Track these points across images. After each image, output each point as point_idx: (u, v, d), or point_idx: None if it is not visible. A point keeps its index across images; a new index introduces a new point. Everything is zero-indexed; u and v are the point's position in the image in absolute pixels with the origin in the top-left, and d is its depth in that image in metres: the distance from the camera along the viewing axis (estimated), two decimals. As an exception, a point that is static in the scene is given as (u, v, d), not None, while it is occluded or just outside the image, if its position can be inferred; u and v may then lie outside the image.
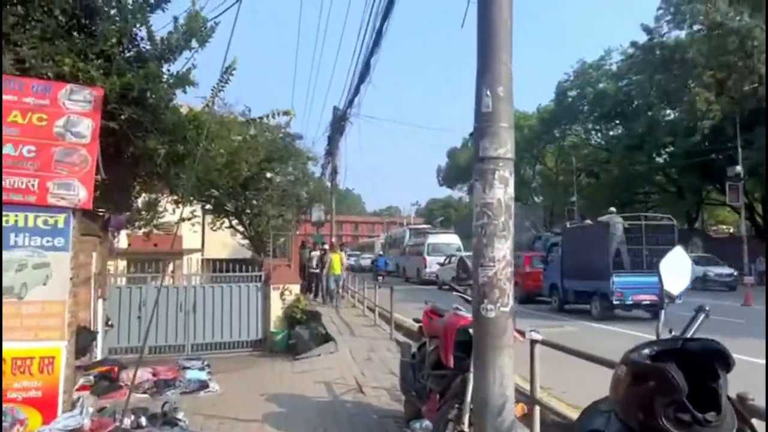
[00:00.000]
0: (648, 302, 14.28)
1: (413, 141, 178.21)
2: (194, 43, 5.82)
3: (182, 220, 18.42)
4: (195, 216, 17.69)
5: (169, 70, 5.65)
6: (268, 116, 6.12)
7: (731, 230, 47.26)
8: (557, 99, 43.94)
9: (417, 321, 6.07)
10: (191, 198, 17.33)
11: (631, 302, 14.21)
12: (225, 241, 25.61)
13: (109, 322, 11.70)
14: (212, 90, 5.98)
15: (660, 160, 40.77)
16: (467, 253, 24.80)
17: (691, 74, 27.65)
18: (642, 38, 33.63)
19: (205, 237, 34.49)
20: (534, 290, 19.12)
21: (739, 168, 30.53)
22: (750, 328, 11.74)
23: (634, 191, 42.86)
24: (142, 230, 17.46)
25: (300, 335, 14.90)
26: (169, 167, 5.51)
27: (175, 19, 5.72)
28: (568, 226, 16.73)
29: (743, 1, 25.30)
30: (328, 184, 20.17)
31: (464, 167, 58.55)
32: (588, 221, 16.56)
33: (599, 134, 47.62)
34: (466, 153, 59.43)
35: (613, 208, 16.53)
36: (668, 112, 36.70)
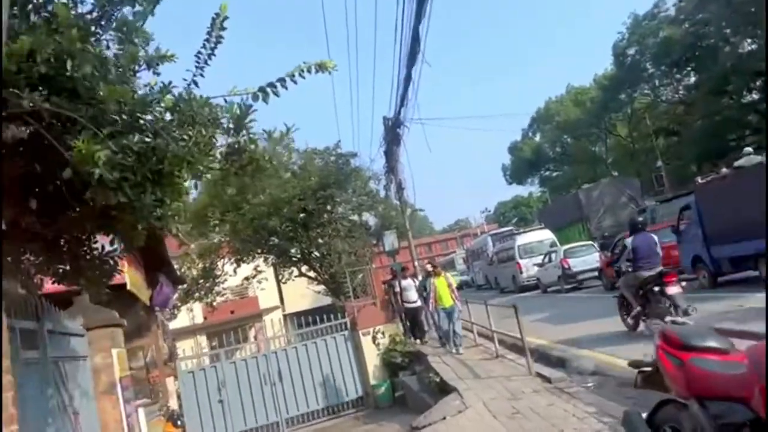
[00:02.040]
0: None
1: (471, 143, 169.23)
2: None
3: (247, 279, 16.51)
4: (259, 272, 15.56)
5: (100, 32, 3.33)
6: (294, 75, 3.55)
7: None
8: (616, 61, 40.10)
9: (637, 365, 3.33)
10: (252, 253, 15.28)
11: (818, 256, 10.82)
12: (303, 291, 23.47)
13: (179, 423, 9.48)
14: (197, 59, 3.58)
15: (750, 98, 36.26)
16: (579, 244, 21.43)
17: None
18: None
19: (283, 291, 32.72)
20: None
21: None
22: None
23: (726, 138, 38.09)
24: (204, 301, 15.61)
25: (407, 385, 12.31)
26: (141, 191, 3.05)
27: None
28: (700, 181, 13.43)
29: None
30: (396, 202, 17.69)
31: (530, 160, 55.08)
32: (725, 169, 13.29)
33: (669, 88, 43.21)
34: (529, 145, 55.94)
35: (749, 148, 13.22)
36: (749, 41, 32.41)
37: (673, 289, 8.60)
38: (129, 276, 7.19)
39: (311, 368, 14.13)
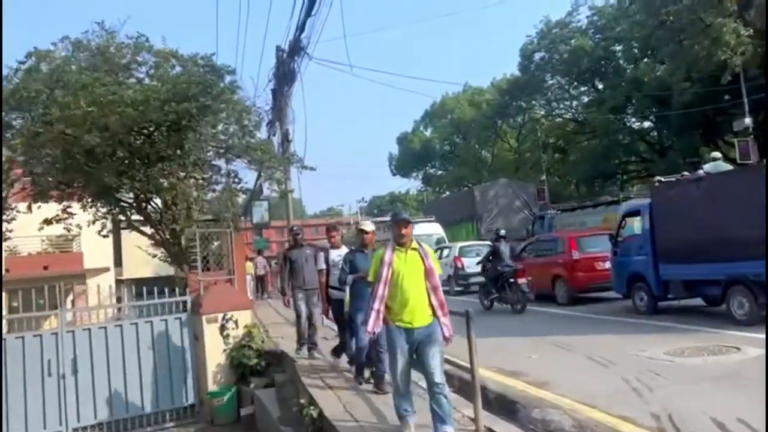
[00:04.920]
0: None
1: (359, 127, 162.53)
2: None
3: (48, 222, 11.73)
4: (70, 215, 10.99)
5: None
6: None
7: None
8: (522, 65, 38.70)
9: None
10: (59, 186, 10.58)
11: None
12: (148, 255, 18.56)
13: None
14: None
15: (642, 125, 36.63)
16: (476, 243, 18.68)
17: (706, 6, 22.93)
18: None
19: (123, 250, 27.12)
20: (586, 285, 13.43)
21: (748, 120, 26.26)
22: None
23: (611, 163, 38.30)
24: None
25: (261, 402, 8.57)
26: None
27: None
28: (661, 181, 10.95)
29: None
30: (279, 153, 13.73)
31: (418, 153, 52.96)
32: (701, 171, 10.95)
33: (565, 104, 42.89)
34: (419, 137, 53.80)
35: (717, 153, 11.06)
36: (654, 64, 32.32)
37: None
38: None
39: (125, 360, 9.94)
